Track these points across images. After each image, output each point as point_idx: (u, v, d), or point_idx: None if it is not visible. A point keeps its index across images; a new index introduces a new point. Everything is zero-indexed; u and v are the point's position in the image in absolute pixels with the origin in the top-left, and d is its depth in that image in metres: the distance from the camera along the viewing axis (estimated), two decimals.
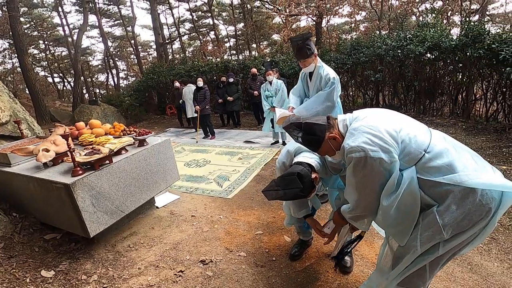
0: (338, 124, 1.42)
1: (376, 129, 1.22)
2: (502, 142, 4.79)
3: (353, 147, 1.21)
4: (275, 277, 2.10)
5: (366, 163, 1.19)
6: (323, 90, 2.77)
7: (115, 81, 20.37)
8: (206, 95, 6.79)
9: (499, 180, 1.13)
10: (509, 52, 4.88)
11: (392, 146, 1.18)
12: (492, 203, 1.13)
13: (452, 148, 1.22)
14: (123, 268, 2.28)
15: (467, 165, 1.17)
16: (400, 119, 1.32)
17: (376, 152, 1.17)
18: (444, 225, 1.15)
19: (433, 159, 1.18)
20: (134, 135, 2.77)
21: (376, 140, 1.18)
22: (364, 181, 1.26)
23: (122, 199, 2.47)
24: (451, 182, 1.14)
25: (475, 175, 1.12)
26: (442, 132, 1.34)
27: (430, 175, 1.18)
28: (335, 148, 1.39)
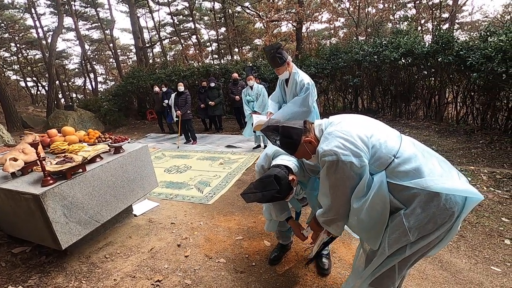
0: (314, 129, 1.46)
1: (348, 134, 1.26)
2: (471, 143, 5.06)
3: (326, 150, 1.25)
4: (254, 282, 2.10)
5: (338, 166, 1.23)
6: (298, 96, 2.83)
7: (93, 85, 19.71)
8: (187, 99, 6.72)
9: (463, 185, 1.18)
10: (475, 58, 5.17)
11: (362, 150, 1.23)
12: (455, 207, 1.18)
13: (420, 154, 1.27)
14: (98, 280, 2.20)
15: (433, 170, 1.22)
16: (372, 125, 1.37)
17: (347, 156, 1.21)
18: (410, 227, 1.20)
19: (402, 164, 1.22)
20: (110, 142, 2.70)
21: (347, 144, 1.23)
22: (336, 184, 1.29)
23: (97, 209, 2.39)
24: (417, 186, 1.18)
25: (440, 180, 1.17)
26: (414, 136, 1.41)
27: (399, 179, 1.22)
28: (311, 151, 1.43)
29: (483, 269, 2.08)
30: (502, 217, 2.68)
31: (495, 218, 2.67)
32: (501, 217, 2.68)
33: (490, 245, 2.33)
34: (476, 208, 2.85)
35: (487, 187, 3.25)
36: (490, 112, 5.89)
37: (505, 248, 2.28)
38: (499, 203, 2.91)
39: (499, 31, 4.97)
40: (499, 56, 4.57)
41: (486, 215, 2.72)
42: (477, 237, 2.44)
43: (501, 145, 4.82)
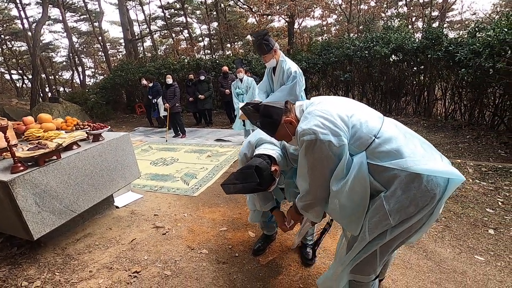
0: (295, 109, 1.41)
1: (328, 113, 1.22)
2: (458, 138, 5.11)
3: (305, 129, 1.21)
4: (236, 273, 2.04)
5: (316, 145, 1.18)
6: (285, 84, 2.77)
7: (81, 79, 19.24)
8: (176, 92, 6.58)
9: (445, 167, 1.15)
10: (463, 54, 5.20)
11: (342, 130, 1.18)
12: (437, 189, 1.14)
13: (402, 135, 1.23)
14: (72, 272, 2.10)
15: (415, 151, 1.18)
16: (354, 105, 1.33)
17: (326, 135, 1.16)
18: (390, 210, 1.15)
19: (382, 144, 1.18)
20: (88, 129, 2.58)
21: (327, 123, 1.18)
22: (314, 165, 1.24)
23: (73, 198, 2.29)
24: (397, 167, 1.14)
25: (421, 161, 1.13)
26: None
27: (379, 160, 1.17)
28: (291, 133, 1.37)
29: (467, 258, 2.07)
30: (486, 208, 2.69)
31: (480, 209, 2.67)
32: (485, 208, 2.69)
33: (475, 234, 2.32)
34: (461, 199, 2.85)
35: (472, 179, 3.26)
36: (478, 108, 5.96)
37: (489, 238, 2.27)
38: (484, 195, 2.92)
39: (487, 26, 5.00)
40: (486, 51, 4.59)
41: (471, 206, 2.72)
42: (461, 227, 2.43)
43: (487, 140, 4.87)
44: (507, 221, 2.47)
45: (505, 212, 2.61)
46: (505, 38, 4.12)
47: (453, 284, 1.84)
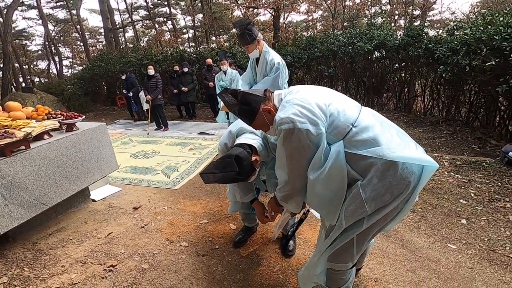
0: (274, 98, 1.38)
1: (306, 101, 1.20)
2: (436, 134, 5.28)
3: (282, 118, 1.18)
4: (216, 265, 2.01)
5: (294, 134, 1.16)
6: (268, 76, 2.74)
7: (58, 69, 18.37)
8: (158, 84, 6.41)
9: (419, 154, 1.16)
10: (442, 51, 5.35)
11: (320, 118, 1.17)
12: (412, 176, 1.15)
13: (378, 124, 1.24)
14: (43, 267, 2.00)
15: (391, 139, 1.18)
16: (331, 94, 1.32)
17: (304, 123, 1.15)
18: (367, 198, 1.16)
19: (359, 133, 1.18)
20: (61, 118, 2.45)
21: (305, 111, 1.17)
22: (292, 154, 1.22)
23: (44, 190, 2.17)
24: (374, 155, 1.14)
25: (397, 149, 1.14)
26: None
27: (356, 148, 1.18)
28: (270, 121, 1.34)
29: (441, 246, 2.14)
30: (460, 199, 2.79)
31: (454, 200, 2.77)
32: (459, 199, 2.79)
33: (448, 224, 2.40)
34: (437, 191, 2.95)
35: (448, 172, 3.38)
36: (454, 105, 6.18)
37: (461, 227, 2.36)
38: (458, 186, 3.03)
39: (465, 25, 5.16)
40: (463, 49, 4.74)
41: (446, 197, 2.82)
42: (436, 217, 2.51)
43: (462, 135, 5.07)
44: (478, 211, 2.58)
45: (476, 203, 2.72)
46: (481, 37, 4.26)
47: (427, 271, 1.90)
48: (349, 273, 1.43)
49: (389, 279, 1.84)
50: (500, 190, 2.92)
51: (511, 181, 3.08)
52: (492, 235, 2.25)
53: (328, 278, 1.48)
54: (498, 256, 2.02)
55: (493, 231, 2.30)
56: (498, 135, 4.90)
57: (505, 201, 2.71)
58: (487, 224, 2.39)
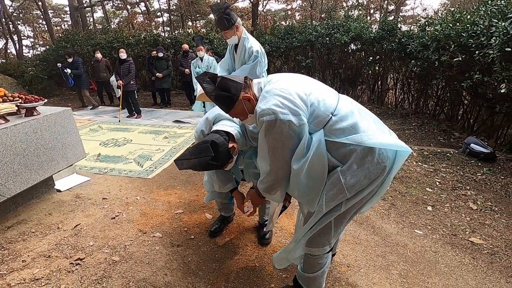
0: (253, 86, 1.34)
1: (287, 91, 1.18)
2: (406, 125, 5.53)
3: (264, 109, 1.16)
4: (191, 255, 1.97)
5: (276, 126, 1.15)
6: (247, 64, 2.67)
7: (17, 49, 16.83)
8: (131, 68, 6.07)
9: (394, 140, 1.22)
10: (414, 46, 5.55)
11: (301, 109, 1.17)
12: (387, 161, 1.20)
13: (356, 111, 1.26)
14: (1, 262, 1.85)
15: (368, 127, 1.22)
16: (310, 83, 1.31)
17: (286, 115, 1.14)
18: (346, 184, 1.19)
19: (339, 121, 1.20)
20: (19, 101, 2.24)
21: (286, 102, 1.15)
22: (274, 146, 1.21)
23: (0, 180, 1.99)
24: (353, 142, 1.17)
25: (374, 135, 1.18)
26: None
27: (335, 136, 1.19)
28: (249, 110, 1.31)
29: (408, 232, 2.26)
30: (426, 187, 2.95)
31: (421, 188, 2.92)
32: (425, 187, 2.95)
33: (416, 211, 2.54)
34: (406, 180, 3.09)
35: (416, 162, 3.55)
36: (423, 98, 6.49)
37: (427, 214, 2.50)
38: (425, 176, 3.20)
39: (435, 21, 5.37)
40: (433, 44, 4.95)
41: (414, 186, 2.97)
42: (405, 205, 2.64)
43: (429, 128, 5.36)
44: (442, 198, 2.74)
45: (441, 191, 2.89)
46: (450, 33, 4.45)
47: (396, 256, 2.00)
48: (326, 257, 1.46)
49: (361, 264, 1.91)
50: (462, 179, 3.12)
51: (471, 170, 3.31)
52: (454, 220, 2.40)
53: (304, 263, 1.50)
54: (459, 240, 2.17)
55: (455, 217, 2.46)
56: (461, 127, 5.23)
57: (466, 189, 2.91)
58: (450, 210, 2.55)
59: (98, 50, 7.32)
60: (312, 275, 1.50)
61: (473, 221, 2.39)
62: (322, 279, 1.53)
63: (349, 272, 1.84)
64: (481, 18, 3.96)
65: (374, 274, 1.83)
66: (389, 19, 8.32)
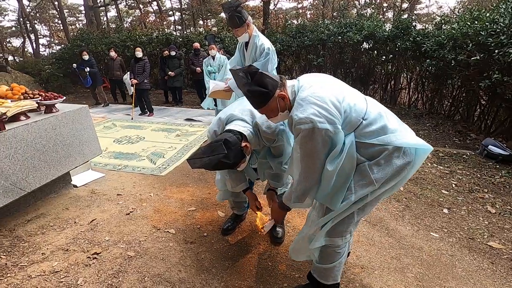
0: (287, 87, 1.36)
1: (322, 100, 1.22)
2: (419, 126, 5.42)
3: (301, 118, 1.21)
4: (204, 252, 1.99)
5: (314, 134, 1.21)
6: (257, 61, 2.67)
7: (34, 47, 17.28)
8: (146, 67, 6.14)
9: (418, 139, 1.32)
10: (429, 45, 5.43)
11: (336, 117, 1.22)
12: (411, 157, 1.30)
13: (384, 114, 1.33)
14: (22, 254, 1.91)
15: (395, 127, 1.30)
16: (341, 88, 1.34)
17: (323, 123, 1.19)
18: (375, 176, 1.28)
19: (369, 125, 1.28)
20: (39, 99, 2.30)
21: (322, 111, 1.20)
22: (310, 153, 1.27)
23: (21, 175, 2.05)
24: (382, 143, 1.26)
25: (401, 136, 1.27)
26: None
27: (365, 138, 1.28)
28: (281, 108, 1.34)
29: (424, 235, 2.22)
30: (442, 189, 2.89)
31: (436, 190, 2.86)
32: (441, 189, 2.89)
33: (431, 213, 2.49)
34: (421, 182, 3.03)
35: (431, 164, 3.48)
36: (437, 98, 6.34)
37: (443, 216, 2.45)
38: (440, 177, 3.13)
39: (452, 19, 5.24)
40: (450, 43, 4.82)
41: (429, 188, 2.91)
42: (420, 207, 2.59)
43: (444, 128, 5.24)
44: (459, 201, 2.68)
45: (457, 193, 2.82)
46: (468, 32, 4.34)
47: (411, 258, 1.96)
48: (345, 246, 1.48)
49: (375, 266, 1.89)
50: (479, 181, 3.04)
51: (489, 173, 3.22)
52: (472, 224, 2.35)
53: (322, 253, 1.52)
54: (477, 244, 2.11)
55: (473, 220, 2.40)
56: (478, 129, 5.09)
57: (483, 192, 2.83)
58: (467, 213, 2.49)
59: (113, 49, 7.45)
60: (329, 266, 1.51)
61: (492, 225, 2.33)
62: (338, 271, 1.55)
63: (363, 273, 1.82)
64: (501, 16, 3.84)
65: (388, 276, 1.81)
66: (403, 17, 8.19)
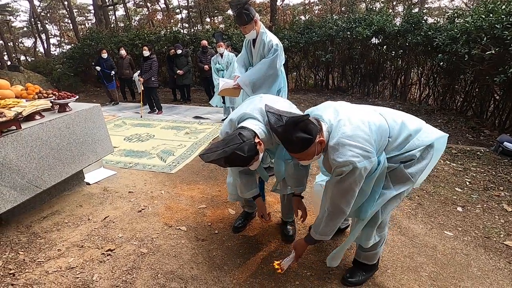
0: (323, 128, 1.36)
1: (356, 140, 1.28)
2: (431, 122, 5.23)
3: (341, 162, 1.27)
4: (216, 249, 2.00)
5: (354, 173, 1.29)
6: (266, 58, 2.65)
7: (45, 47, 17.60)
8: (153, 65, 6.19)
9: (438, 132, 1.45)
10: (441, 39, 5.30)
11: (371, 152, 1.29)
12: (432, 148, 1.45)
13: (403, 120, 1.41)
14: (39, 250, 1.96)
15: (418, 128, 1.41)
16: (366, 117, 1.36)
17: (361, 162, 1.26)
18: (411, 174, 1.41)
19: (394, 141, 1.38)
20: (53, 98, 2.34)
21: (359, 151, 1.27)
22: (349, 188, 1.33)
23: (37, 173, 2.10)
24: (412, 149, 1.38)
25: (425, 134, 1.40)
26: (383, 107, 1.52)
27: (395, 151, 1.40)
28: (318, 152, 1.35)
29: (437, 233, 2.18)
30: (455, 187, 2.83)
31: (450, 188, 2.81)
32: (454, 187, 2.83)
33: (444, 212, 2.44)
34: (433, 179, 2.98)
35: (443, 161, 3.42)
36: (449, 94, 6.20)
37: (457, 215, 2.40)
38: (453, 175, 3.07)
39: (466, 13, 5.10)
40: (463, 37, 4.70)
41: (442, 185, 2.86)
42: (433, 205, 2.55)
43: (456, 125, 5.12)
44: (473, 199, 2.63)
45: (472, 191, 2.77)
46: (482, 25, 4.22)
47: (424, 257, 1.94)
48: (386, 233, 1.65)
49: (388, 265, 1.87)
50: (494, 179, 2.97)
51: (505, 170, 3.14)
52: (487, 222, 2.30)
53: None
54: (493, 243, 2.07)
55: (488, 218, 2.35)
56: (491, 125, 4.97)
57: (499, 189, 2.77)
58: (482, 212, 2.44)
59: (122, 47, 7.52)
60: (376, 250, 1.65)
61: (508, 224, 2.27)
62: (381, 249, 1.69)
63: (376, 272, 1.80)
64: None
65: (402, 275, 1.79)
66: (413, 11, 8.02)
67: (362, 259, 1.71)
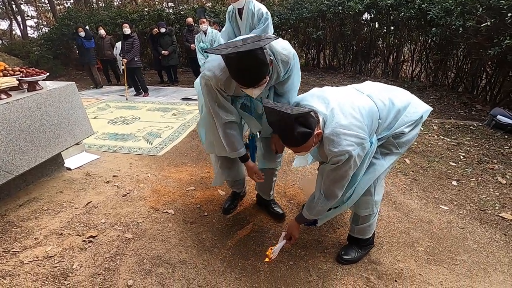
0: (320, 122, 1.29)
1: (348, 128, 1.25)
2: (423, 99, 5.11)
3: (337, 152, 1.25)
4: (205, 232, 1.91)
5: (349, 161, 1.28)
6: (256, 28, 2.47)
7: (21, 29, 16.58)
8: (134, 44, 5.84)
9: (424, 105, 1.46)
10: (435, 12, 5.13)
11: (364, 138, 1.27)
12: (422, 119, 1.47)
13: (390, 97, 1.38)
14: (14, 240, 1.83)
15: (406, 103, 1.39)
16: (356, 102, 1.32)
17: (355, 150, 1.26)
18: (398, 143, 1.44)
19: (385, 121, 1.37)
20: (20, 75, 2.13)
21: (353, 139, 1.25)
22: (345, 175, 1.33)
23: (7, 157, 1.92)
24: (401, 127, 1.38)
25: (414, 109, 1.40)
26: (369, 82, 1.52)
27: (385, 131, 1.40)
28: (315, 144, 1.29)
29: (433, 208, 2.13)
30: (450, 161, 2.79)
31: (444, 163, 2.76)
32: (449, 161, 2.79)
33: (439, 186, 2.40)
34: (427, 154, 2.93)
35: (437, 136, 3.36)
36: (441, 70, 6.12)
37: (452, 189, 2.36)
38: (447, 149, 3.02)
39: None
40: (458, 9, 4.54)
41: (436, 160, 2.81)
42: (428, 179, 2.50)
43: (448, 100, 5.08)
44: (468, 173, 2.59)
45: (466, 165, 2.72)
46: None
47: (420, 232, 1.89)
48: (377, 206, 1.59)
49: (384, 241, 1.81)
50: (488, 152, 2.94)
51: (498, 143, 3.11)
52: (482, 195, 2.26)
53: (358, 217, 1.62)
54: (488, 216, 2.04)
55: (483, 191, 2.31)
56: (483, 100, 4.93)
57: (493, 162, 2.73)
58: (477, 185, 2.40)
59: (101, 27, 7.07)
60: (370, 222, 1.60)
61: (503, 196, 2.24)
62: (375, 221, 1.64)
63: (372, 249, 1.74)
64: None
65: (398, 251, 1.74)
66: None
67: (356, 234, 1.66)
